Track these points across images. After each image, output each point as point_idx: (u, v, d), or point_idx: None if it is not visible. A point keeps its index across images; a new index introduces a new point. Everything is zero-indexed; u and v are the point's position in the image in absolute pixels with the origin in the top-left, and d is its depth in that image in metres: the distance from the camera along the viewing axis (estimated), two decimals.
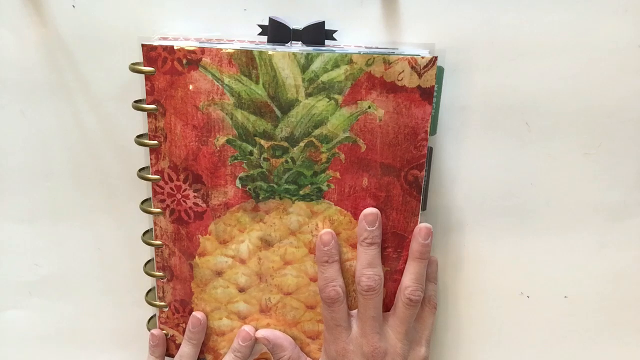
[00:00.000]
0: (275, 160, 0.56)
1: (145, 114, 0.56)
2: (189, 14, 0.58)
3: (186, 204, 0.58)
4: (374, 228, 0.57)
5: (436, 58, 0.53)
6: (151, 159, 0.57)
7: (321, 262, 0.58)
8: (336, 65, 0.53)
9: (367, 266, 0.57)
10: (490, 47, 0.57)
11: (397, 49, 0.56)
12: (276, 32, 0.56)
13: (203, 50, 0.53)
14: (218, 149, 0.56)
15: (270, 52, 0.53)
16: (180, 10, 0.58)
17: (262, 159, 0.56)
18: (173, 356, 0.64)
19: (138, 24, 0.58)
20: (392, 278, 0.59)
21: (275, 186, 0.57)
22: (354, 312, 0.60)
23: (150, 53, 0.54)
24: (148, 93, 0.55)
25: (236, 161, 0.56)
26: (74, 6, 0.58)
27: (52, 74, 0.61)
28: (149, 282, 0.63)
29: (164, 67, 0.54)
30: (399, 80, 0.53)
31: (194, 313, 0.62)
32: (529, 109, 0.58)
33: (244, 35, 0.57)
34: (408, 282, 0.59)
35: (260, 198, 0.57)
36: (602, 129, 0.59)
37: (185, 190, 0.58)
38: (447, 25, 0.57)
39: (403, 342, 0.59)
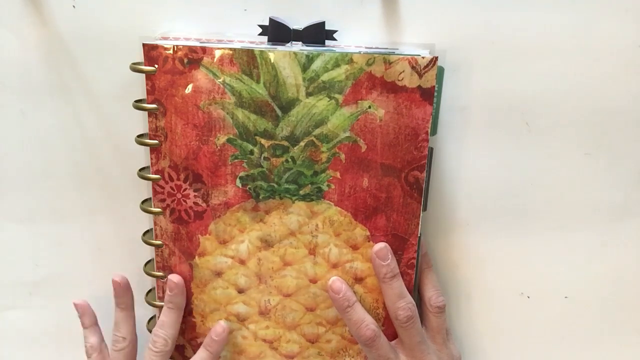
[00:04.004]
0: (275, 160, 0.56)
1: (146, 113, 0.56)
2: (189, 14, 0.58)
3: (186, 203, 0.58)
4: (389, 261, 0.58)
5: (436, 58, 0.53)
6: (151, 158, 0.57)
7: (342, 309, 0.59)
8: (336, 65, 0.53)
9: (397, 299, 0.58)
10: (490, 47, 0.57)
11: (397, 49, 0.56)
12: (276, 32, 0.56)
13: (204, 49, 0.53)
14: (218, 147, 0.56)
15: (270, 52, 0.53)
16: (180, 10, 0.58)
17: (262, 158, 0.56)
18: (173, 357, 0.64)
19: (138, 23, 0.58)
20: None
21: (275, 185, 0.57)
22: (393, 342, 0.60)
23: (151, 52, 0.54)
24: (148, 92, 0.55)
25: (236, 160, 0.56)
26: (74, 6, 0.58)
27: (52, 74, 0.61)
28: (149, 282, 0.63)
29: (165, 66, 0.54)
30: (399, 80, 0.53)
31: (220, 322, 0.61)
32: (529, 109, 0.59)
33: (244, 35, 0.57)
34: (430, 292, 0.61)
35: (260, 197, 0.57)
36: (602, 129, 0.59)
37: (185, 189, 0.58)
38: (447, 25, 0.57)
39: (447, 346, 0.61)
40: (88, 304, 0.63)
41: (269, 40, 0.56)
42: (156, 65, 0.54)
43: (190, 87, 0.54)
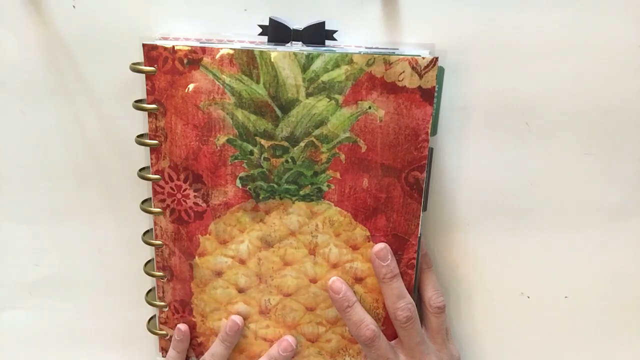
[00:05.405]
0: (275, 160, 0.56)
1: (146, 113, 0.56)
2: (189, 13, 0.58)
3: (186, 203, 0.58)
4: (389, 261, 0.58)
5: (437, 58, 0.53)
6: (151, 159, 0.57)
7: (342, 309, 0.59)
8: (336, 65, 0.53)
9: (396, 299, 0.58)
10: (491, 47, 0.57)
11: (397, 49, 0.56)
12: (276, 32, 0.56)
13: (204, 50, 0.53)
14: (218, 148, 0.56)
15: (270, 52, 0.53)
16: (180, 10, 0.58)
17: (262, 158, 0.56)
18: None
19: (138, 23, 0.58)
20: None
21: (275, 186, 0.57)
22: (393, 342, 0.60)
23: (151, 52, 0.54)
24: (148, 92, 0.55)
25: (236, 160, 0.56)
26: (74, 6, 0.58)
27: (52, 74, 0.61)
28: (149, 282, 0.63)
29: (165, 66, 0.54)
30: (399, 81, 0.53)
31: (232, 317, 0.61)
32: (529, 109, 0.59)
33: (244, 35, 0.57)
34: (430, 292, 0.61)
35: (260, 198, 0.57)
36: (602, 129, 0.59)
37: (185, 189, 0.58)
38: (447, 25, 0.57)
39: (446, 346, 0.61)
40: (189, 332, 0.63)
41: (269, 40, 0.56)
42: (156, 66, 0.54)
43: (190, 87, 0.54)
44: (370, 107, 0.54)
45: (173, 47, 0.54)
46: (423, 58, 0.53)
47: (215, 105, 0.55)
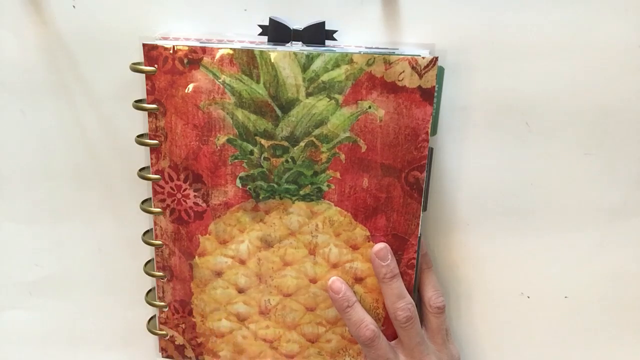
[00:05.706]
0: (275, 160, 0.56)
1: (146, 113, 0.56)
2: (189, 13, 0.58)
3: (186, 203, 0.58)
4: (389, 261, 0.58)
5: (436, 58, 0.53)
6: (151, 159, 0.57)
7: (342, 309, 0.59)
8: (336, 65, 0.53)
9: (396, 299, 0.58)
10: (491, 47, 0.57)
11: (397, 49, 0.56)
12: (276, 32, 0.56)
13: (204, 50, 0.53)
14: (218, 148, 0.56)
15: (270, 52, 0.53)
16: (180, 10, 0.58)
17: (262, 158, 0.56)
18: (173, 357, 0.64)
19: (138, 23, 0.58)
20: None
21: (275, 185, 0.57)
22: (393, 342, 0.60)
23: (151, 52, 0.54)
24: (148, 92, 0.55)
25: (236, 160, 0.56)
26: (74, 6, 0.58)
27: (52, 74, 0.61)
28: (149, 282, 0.63)
29: (165, 66, 0.54)
30: (399, 80, 0.53)
31: None
32: (529, 109, 0.58)
33: (244, 35, 0.57)
34: (430, 293, 0.61)
35: (260, 197, 0.57)
36: (602, 129, 0.59)
37: (185, 189, 0.58)
38: (447, 25, 0.57)
39: (446, 347, 0.61)
40: None
41: (269, 40, 0.56)
42: (156, 66, 0.54)
43: (190, 87, 0.54)
44: (370, 107, 0.54)
45: (173, 47, 0.54)
46: (423, 58, 0.53)
47: (215, 105, 0.55)
